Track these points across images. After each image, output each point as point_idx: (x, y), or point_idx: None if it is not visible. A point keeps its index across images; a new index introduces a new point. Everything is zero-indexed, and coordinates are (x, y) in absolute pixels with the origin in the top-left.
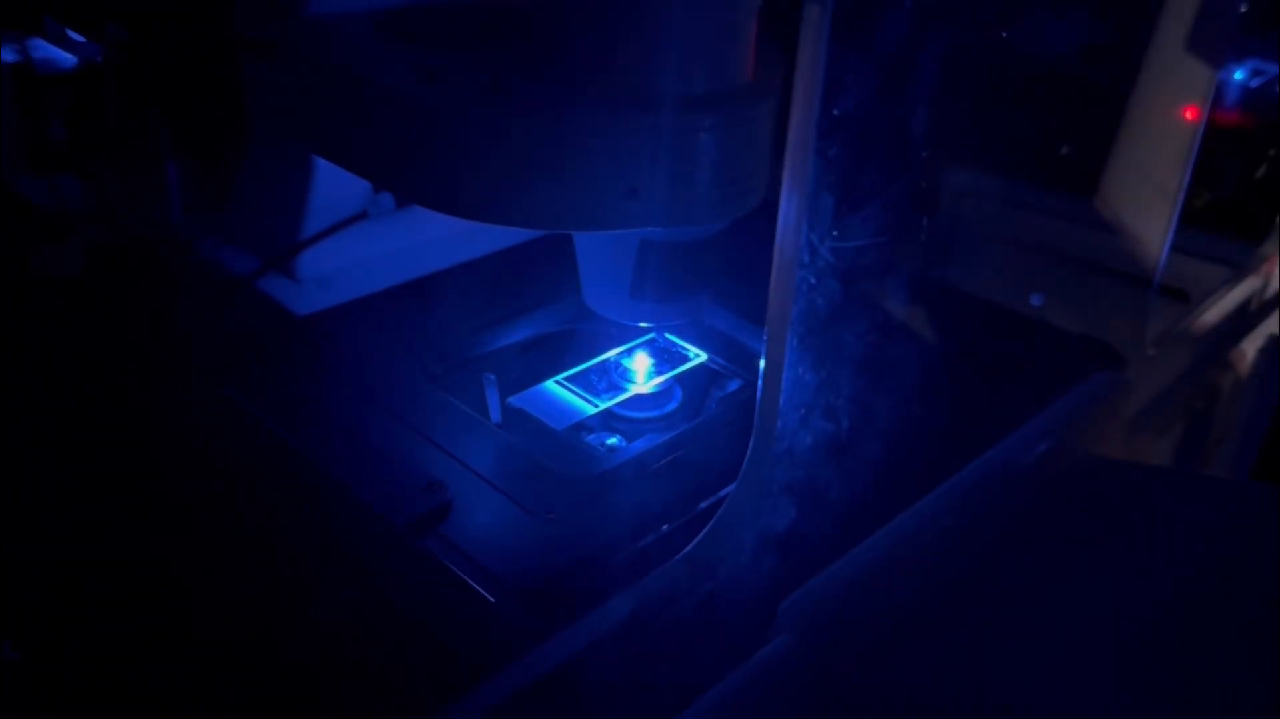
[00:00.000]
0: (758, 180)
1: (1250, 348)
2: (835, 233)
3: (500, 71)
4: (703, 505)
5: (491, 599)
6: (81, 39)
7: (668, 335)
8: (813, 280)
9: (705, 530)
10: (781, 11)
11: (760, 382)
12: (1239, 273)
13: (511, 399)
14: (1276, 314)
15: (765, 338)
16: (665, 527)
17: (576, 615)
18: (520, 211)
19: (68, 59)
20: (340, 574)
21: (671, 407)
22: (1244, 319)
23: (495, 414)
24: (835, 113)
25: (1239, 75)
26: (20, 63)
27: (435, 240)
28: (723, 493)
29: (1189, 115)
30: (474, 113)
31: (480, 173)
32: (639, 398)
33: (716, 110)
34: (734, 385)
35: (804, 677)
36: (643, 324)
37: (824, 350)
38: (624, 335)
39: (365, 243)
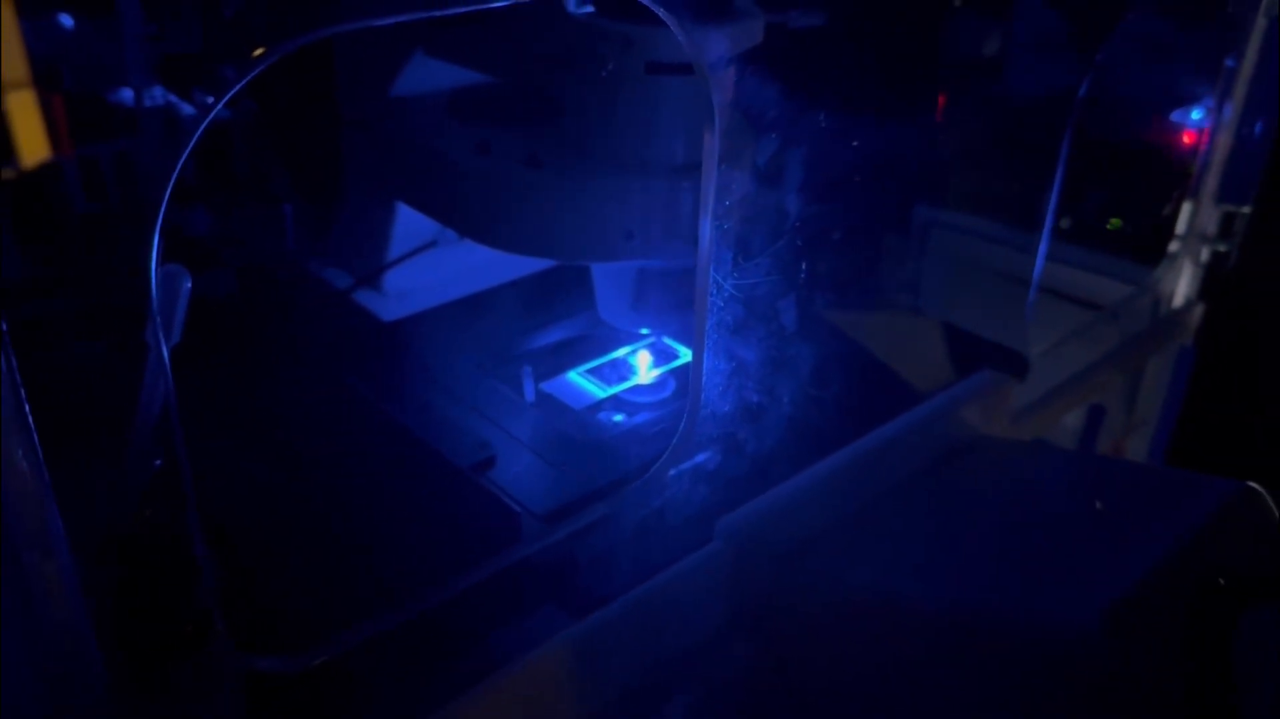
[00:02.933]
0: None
1: (1164, 354)
2: (735, 273)
3: (535, 146)
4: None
5: (517, 510)
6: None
7: (664, 339)
8: (720, 304)
9: (659, 463)
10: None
11: (691, 369)
12: (1140, 291)
13: (542, 385)
14: (1185, 324)
15: (693, 341)
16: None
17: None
18: (547, 249)
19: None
20: (421, 497)
21: (665, 394)
22: (1150, 330)
23: (530, 396)
24: (726, 202)
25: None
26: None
27: (487, 264)
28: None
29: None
30: (515, 180)
31: (517, 220)
32: (640, 386)
33: (693, 176)
34: None
35: (726, 572)
36: (643, 330)
37: (731, 348)
38: (630, 338)
39: (435, 265)
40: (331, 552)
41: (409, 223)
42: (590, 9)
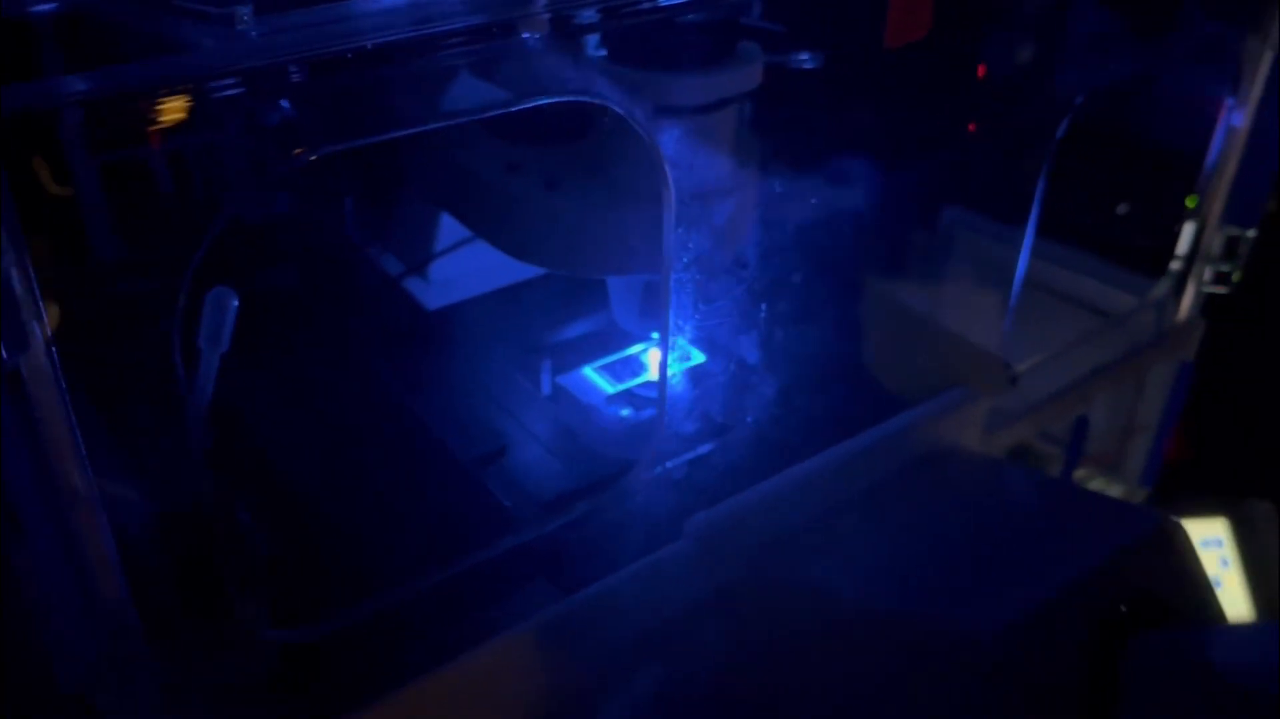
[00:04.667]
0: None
1: (1163, 368)
2: (701, 306)
3: (556, 168)
4: (686, 458)
5: (508, 504)
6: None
7: (678, 340)
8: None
9: (633, 471)
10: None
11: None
12: (1140, 305)
13: (558, 378)
14: (1186, 340)
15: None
16: (659, 468)
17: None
18: (562, 263)
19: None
20: (425, 488)
21: (674, 393)
22: (1148, 344)
23: (546, 388)
24: (684, 260)
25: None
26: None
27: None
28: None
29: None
30: (537, 200)
31: (539, 236)
32: (651, 383)
33: (697, 201)
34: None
35: (694, 569)
36: (654, 334)
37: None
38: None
39: (477, 255)
40: (341, 534)
41: (451, 219)
42: (604, 53)
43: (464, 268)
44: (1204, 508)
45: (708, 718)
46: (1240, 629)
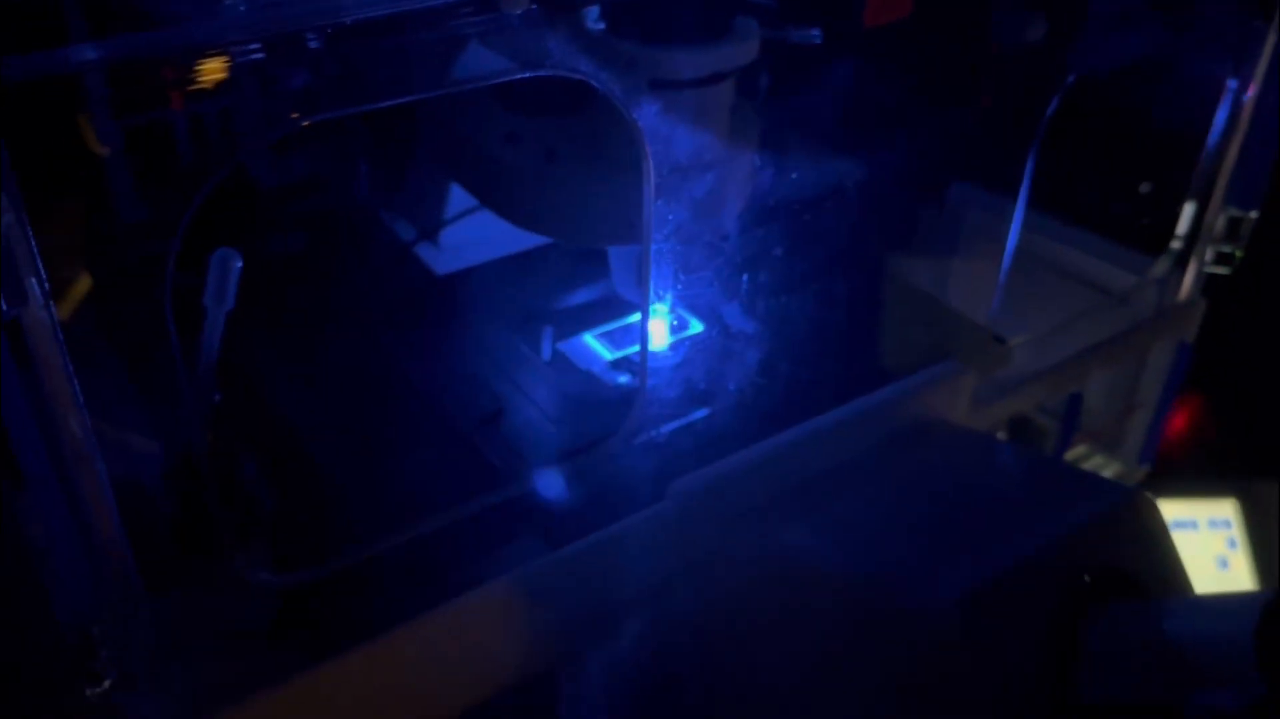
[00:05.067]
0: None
1: (1163, 347)
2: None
3: (554, 138)
4: (672, 425)
5: (497, 465)
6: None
7: (679, 309)
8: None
9: (620, 433)
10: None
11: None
12: (1139, 284)
13: (559, 344)
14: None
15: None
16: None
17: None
18: (559, 232)
19: None
20: (423, 446)
21: (674, 359)
22: (1147, 323)
23: (546, 354)
24: (668, 230)
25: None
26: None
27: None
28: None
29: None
30: (534, 171)
31: (537, 205)
32: (650, 352)
33: (692, 174)
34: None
35: (674, 527)
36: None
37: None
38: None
39: (483, 226)
40: (338, 488)
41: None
42: (602, 26)
43: (474, 235)
44: (1212, 489)
45: (685, 675)
46: (1197, 600)
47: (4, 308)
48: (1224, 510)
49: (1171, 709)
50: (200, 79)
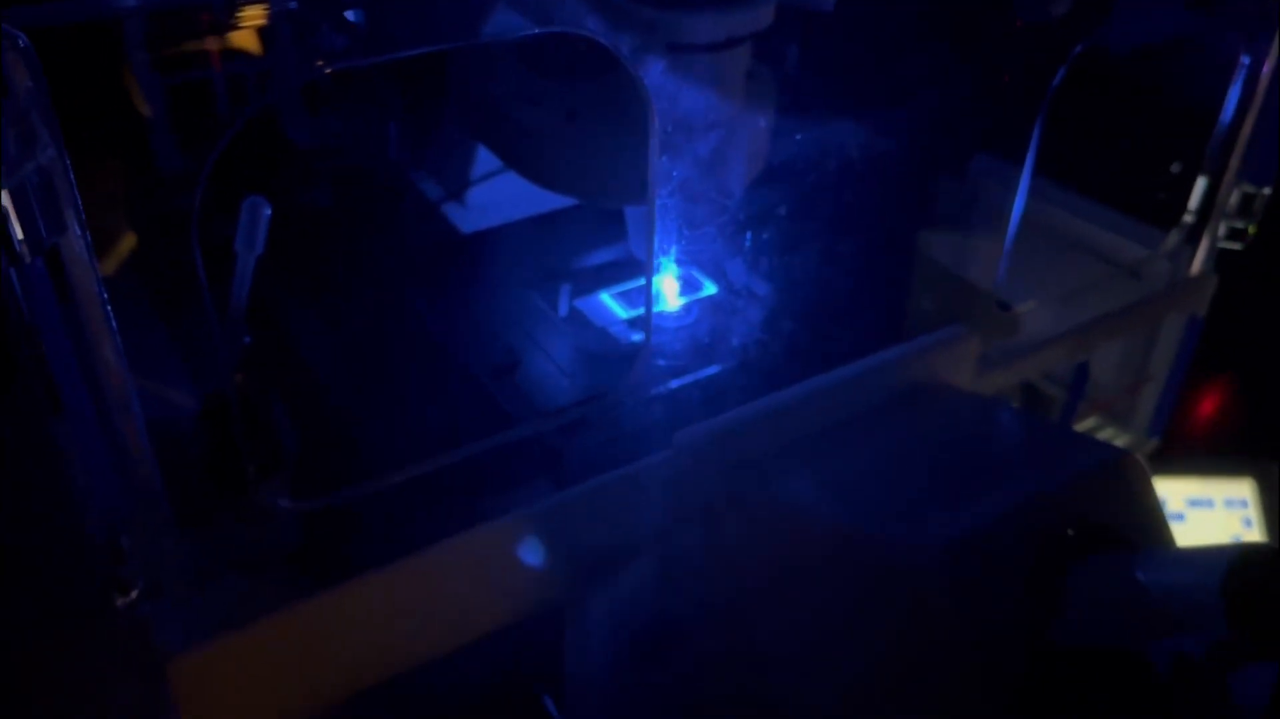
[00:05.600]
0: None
1: (1174, 320)
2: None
3: (576, 99)
4: (681, 381)
5: (509, 411)
6: None
7: (693, 271)
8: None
9: (624, 385)
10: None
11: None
12: (1150, 258)
13: (576, 302)
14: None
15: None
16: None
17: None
18: (579, 190)
19: None
20: (443, 392)
21: (687, 320)
22: (1157, 296)
23: (563, 311)
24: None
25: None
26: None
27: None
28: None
29: None
30: (555, 131)
31: (557, 164)
32: (664, 312)
33: (705, 136)
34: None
35: (678, 475)
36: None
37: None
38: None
39: (508, 186)
40: (358, 428)
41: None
42: None
43: (498, 195)
44: (1229, 468)
45: (684, 616)
46: (1171, 552)
47: (44, 234)
48: (1241, 490)
49: (1139, 653)
50: (238, 25)
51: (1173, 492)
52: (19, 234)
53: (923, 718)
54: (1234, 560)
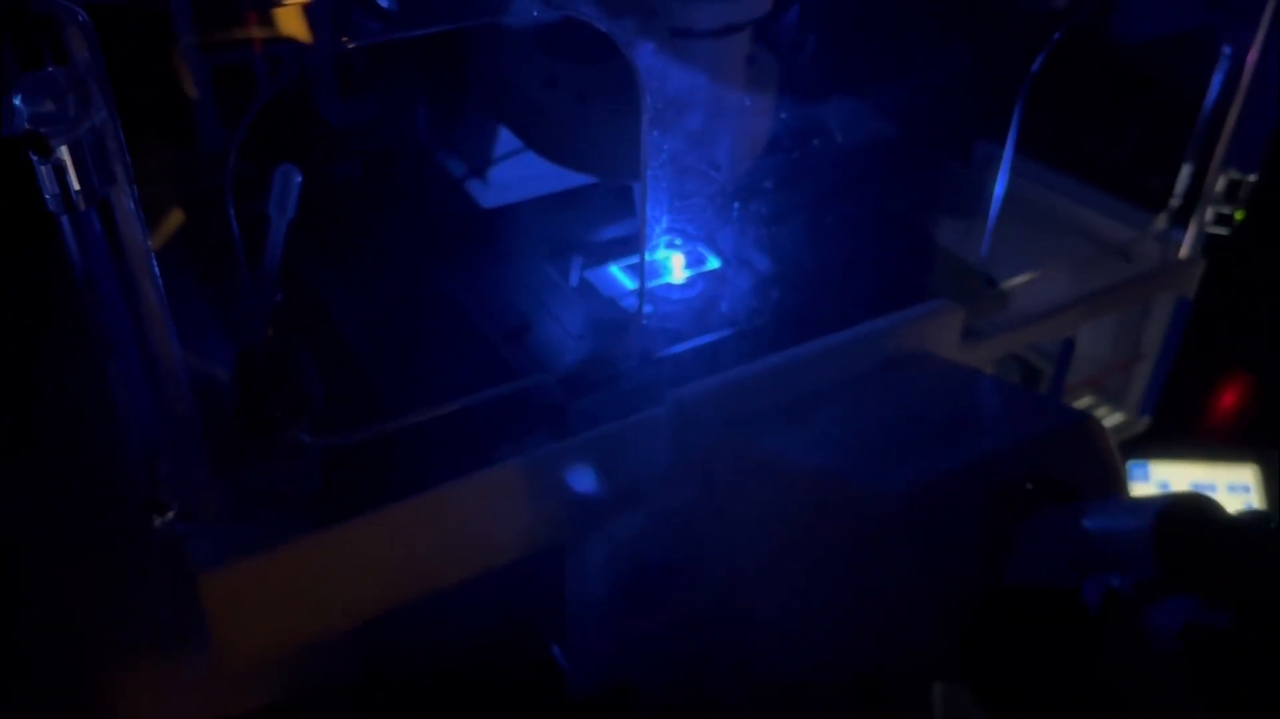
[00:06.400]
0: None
1: (1163, 302)
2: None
3: (588, 83)
4: (677, 348)
5: (515, 368)
6: None
7: (699, 246)
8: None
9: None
10: None
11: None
12: (1138, 238)
13: (586, 273)
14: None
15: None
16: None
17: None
18: (592, 168)
19: None
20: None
21: (690, 292)
22: (1144, 277)
23: (574, 281)
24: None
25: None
26: None
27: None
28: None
29: None
30: (568, 112)
31: (572, 144)
32: (670, 285)
33: (710, 117)
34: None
35: (669, 430)
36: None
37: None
38: (670, 243)
39: (527, 165)
40: (379, 377)
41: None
42: None
43: (518, 174)
44: (1233, 454)
45: (676, 557)
46: (1113, 502)
47: (97, 186)
48: (1244, 476)
49: (1074, 589)
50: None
51: (1176, 475)
52: (76, 185)
53: (885, 647)
54: (1164, 506)
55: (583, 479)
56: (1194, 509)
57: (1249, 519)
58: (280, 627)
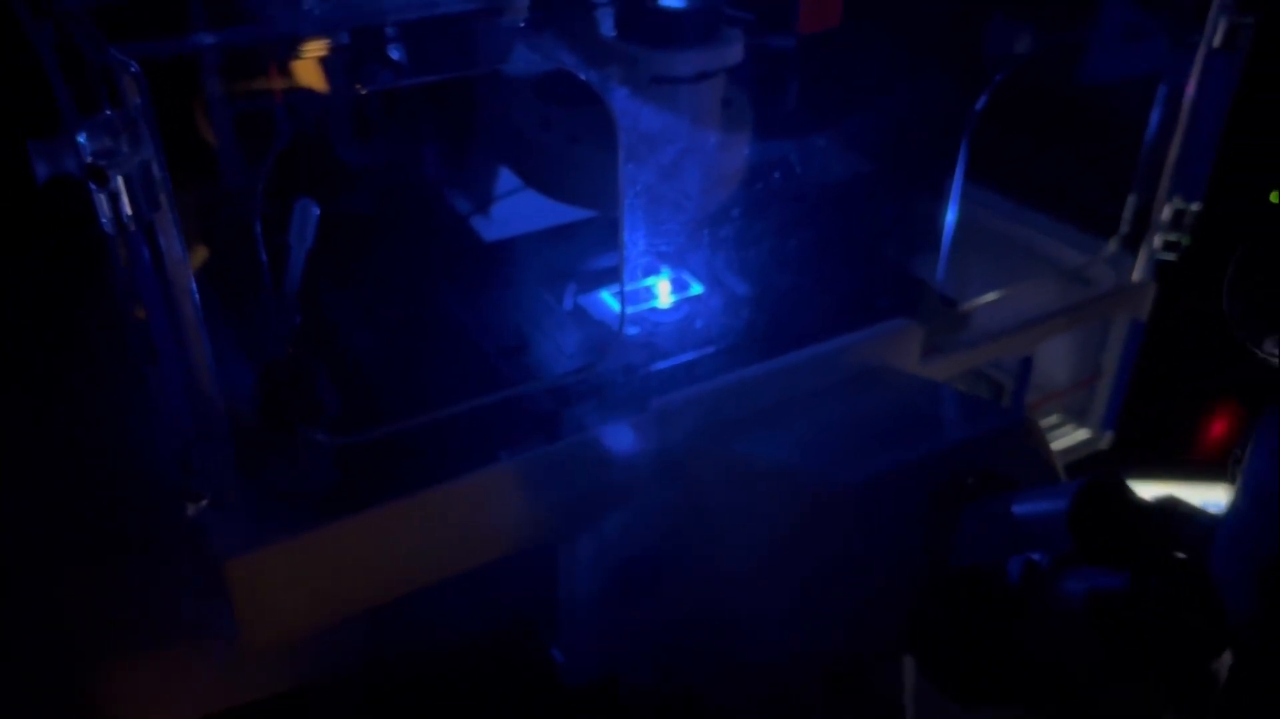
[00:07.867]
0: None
1: (1118, 324)
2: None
3: (578, 124)
4: (662, 364)
5: (510, 376)
6: None
7: (684, 274)
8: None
9: (603, 361)
10: None
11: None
12: (1090, 263)
13: (579, 298)
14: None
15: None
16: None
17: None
18: (581, 201)
19: None
20: (457, 365)
21: (676, 316)
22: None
23: (568, 305)
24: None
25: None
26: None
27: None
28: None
29: None
30: (561, 152)
31: (565, 180)
32: (656, 309)
33: (692, 154)
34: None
35: (653, 435)
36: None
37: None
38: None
39: (527, 202)
40: (385, 389)
41: None
42: (613, 34)
43: (518, 210)
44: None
45: (660, 553)
46: (1041, 489)
47: (145, 212)
48: (1218, 495)
49: (999, 566)
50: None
51: (1152, 494)
52: (128, 211)
53: (847, 629)
54: (1081, 488)
55: (572, 479)
56: (1108, 490)
57: (1161, 501)
58: (297, 609)
